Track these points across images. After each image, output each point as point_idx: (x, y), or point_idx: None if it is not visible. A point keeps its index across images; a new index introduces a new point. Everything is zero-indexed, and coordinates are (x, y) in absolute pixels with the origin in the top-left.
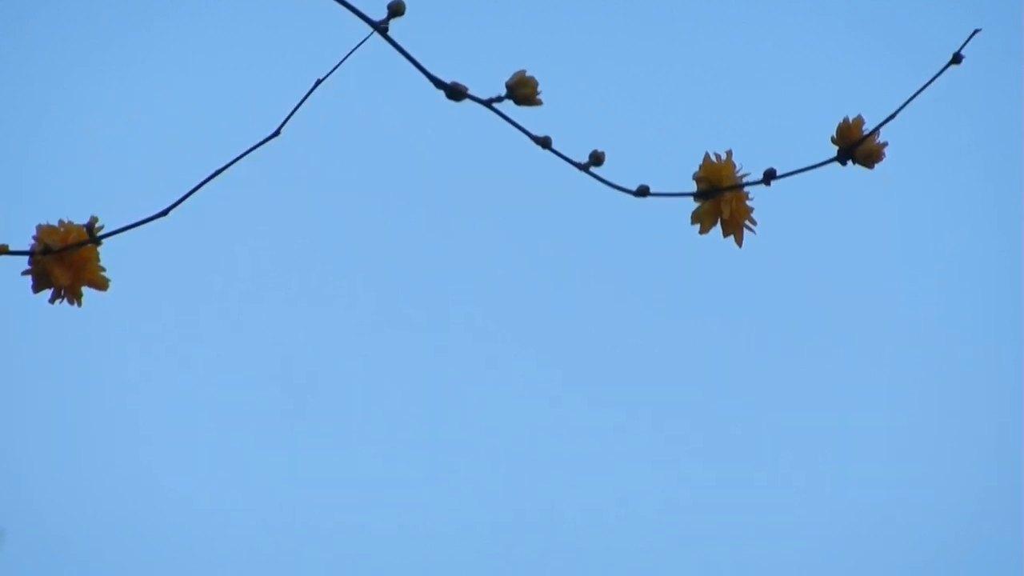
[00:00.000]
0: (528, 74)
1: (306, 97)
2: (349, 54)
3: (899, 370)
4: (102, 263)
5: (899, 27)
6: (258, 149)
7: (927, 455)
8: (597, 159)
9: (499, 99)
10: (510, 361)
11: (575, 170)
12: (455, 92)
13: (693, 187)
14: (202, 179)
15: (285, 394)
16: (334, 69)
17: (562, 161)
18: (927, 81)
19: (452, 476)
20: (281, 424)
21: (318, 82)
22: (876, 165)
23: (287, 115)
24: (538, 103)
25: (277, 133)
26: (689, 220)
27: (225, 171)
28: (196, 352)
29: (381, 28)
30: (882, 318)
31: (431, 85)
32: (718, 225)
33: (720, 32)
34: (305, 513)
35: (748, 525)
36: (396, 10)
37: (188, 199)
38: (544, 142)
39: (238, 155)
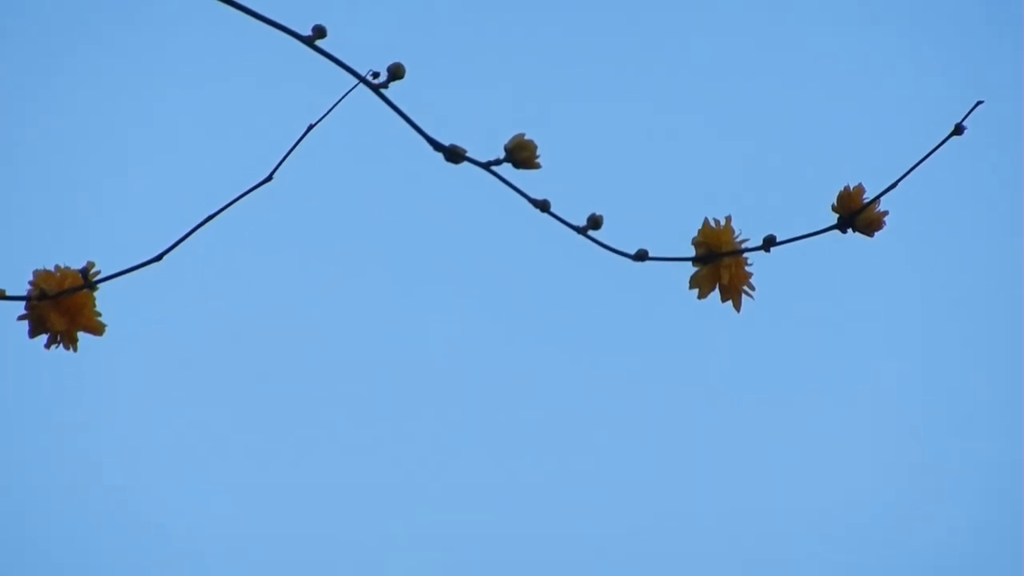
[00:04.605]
0: (527, 137)
1: (298, 142)
2: (341, 99)
3: (896, 442)
4: (98, 308)
5: (901, 96)
6: (251, 194)
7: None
8: (595, 223)
9: (498, 162)
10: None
11: (574, 233)
12: (454, 154)
13: (692, 252)
14: (195, 224)
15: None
16: (326, 114)
17: (561, 224)
18: (929, 151)
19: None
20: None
21: (310, 127)
22: (876, 233)
23: (279, 160)
24: (537, 166)
25: (269, 178)
26: (687, 285)
27: (218, 216)
28: (191, 395)
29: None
30: (880, 387)
31: (430, 147)
32: (717, 290)
33: (720, 98)
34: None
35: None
36: (396, 73)
37: (182, 244)
38: (543, 205)
39: (231, 200)
